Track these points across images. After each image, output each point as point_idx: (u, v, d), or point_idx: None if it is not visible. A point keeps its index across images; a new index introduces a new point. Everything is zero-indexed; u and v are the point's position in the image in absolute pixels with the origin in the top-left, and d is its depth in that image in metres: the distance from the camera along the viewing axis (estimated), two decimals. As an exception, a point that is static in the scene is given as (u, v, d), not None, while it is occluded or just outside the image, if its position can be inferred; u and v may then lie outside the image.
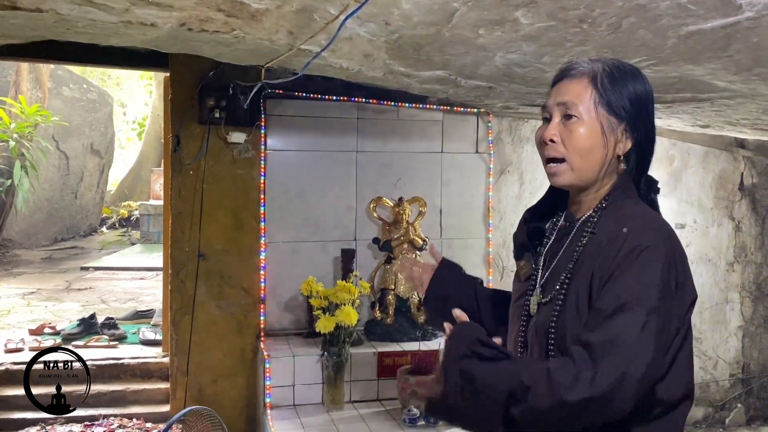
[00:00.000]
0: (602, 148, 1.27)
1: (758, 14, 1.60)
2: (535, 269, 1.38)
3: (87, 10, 1.62)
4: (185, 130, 3.21)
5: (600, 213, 1.30)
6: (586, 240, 1.28)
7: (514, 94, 2.79)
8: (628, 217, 1.25)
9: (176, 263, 3.25)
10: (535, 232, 1.43)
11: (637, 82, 1.29)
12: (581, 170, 1.28)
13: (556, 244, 1.36)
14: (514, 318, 1.41)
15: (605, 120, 1.26)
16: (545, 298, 1.31)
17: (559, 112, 1.28)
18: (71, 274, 7.50)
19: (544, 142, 1.29)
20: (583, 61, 1.31)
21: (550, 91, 1.33)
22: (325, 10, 1.75)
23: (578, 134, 1.26)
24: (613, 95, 1.26)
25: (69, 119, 8.66)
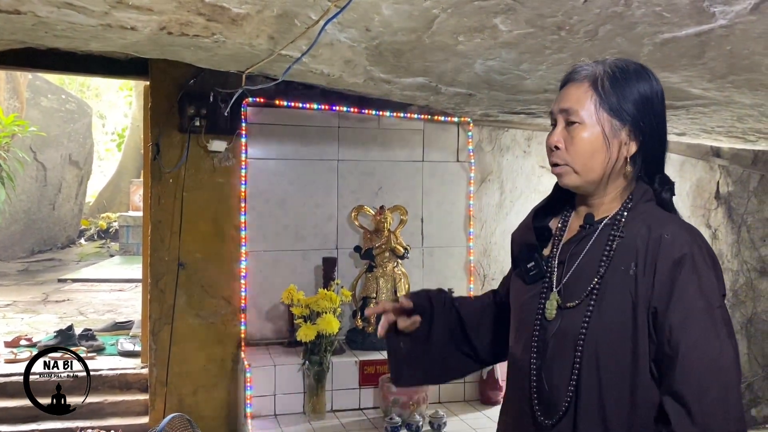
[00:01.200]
0: (605, 151, 1.25)
1: (731, 22, 1.64)
2: (548, 271, 1.33)
3: (66, 12, 1.61)
4: (165, 138, 3.20)
5: (625, 216, 1.28)
6: (615, 243, 1.25)
7: (494, 102, 2.82)
8: (659, 220, 1.25)
9: (155, 272, 3.22)
10: (542, 232, 1.39)
11: (642, 81, 1.27)
12: (585, 174, 1.27)
13: (573, 245, 1.31)
14: (522, 322, 1.35)
15: (607, 123, 1.25)
16: (570, 303, 1.26)
17: (562, 118, 1.28)
18: (48, 286, 7.38)
19: (550, 149, 1.29)
20: (587, 64, 1.30)
21: (557, 97, 1.32)
22: (306, 15, 1.76)
23: (580, 139, 1.25)
24: (614, 98, 1.25)
25: (47, 130, 8.55)
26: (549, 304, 1.29)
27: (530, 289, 1.34)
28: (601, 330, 1.21)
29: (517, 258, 1.41)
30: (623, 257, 1.23)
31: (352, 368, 3.05)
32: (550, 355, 1.27)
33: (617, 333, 1.20)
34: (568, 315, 1.26)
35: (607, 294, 1.22)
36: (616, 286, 1.22)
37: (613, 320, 1.21)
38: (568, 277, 1.29)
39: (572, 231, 1.35)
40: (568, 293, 1.28)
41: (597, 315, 1.22)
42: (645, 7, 1.61)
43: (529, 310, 1.32)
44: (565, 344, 1.24)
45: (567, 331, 1.25)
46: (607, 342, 1.21)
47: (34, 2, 1.55)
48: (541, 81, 2.31)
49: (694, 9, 1.59)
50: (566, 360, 1.24)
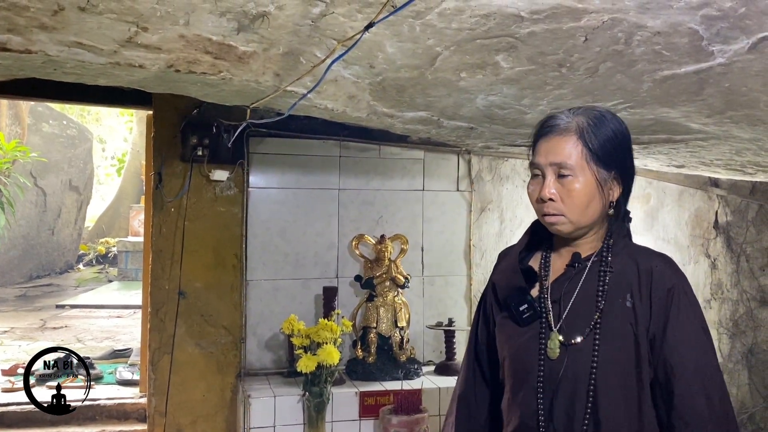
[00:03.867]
0: (600, 199, 1.31)
1: (729, 60, 1.67)
2: (543, 311, 1.35)
3: (76, 51, 1.64)
4: (167, 167, 3.22)
5: (609, 251, 1.34)
6: (608, 278, 1.31)
7: (495, 135, 2.84)
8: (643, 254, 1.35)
9: (156, 301, 3.22)
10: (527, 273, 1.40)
11: (616, 126, 1.34)
12: (580, 222, 1.32)
13: (563, 284, 1.35)
14: (522, 366, 1.34)
15: (598, 173, 1.30)
16: (575, 339, 1.29)
17: (552, 170, 1.31)
18: (46, 312, 7.35)
19: (542, 200, 1.31)
20: (564, 115, 1.35)
21: (537, 147, 1.35)
22: (312, 53, 1.79)
23: (576, 192, 1.29)
24: (600, 147, 1.30)
25: (48, 155, 8.60)
26: (551, 343, 1.31)
27: (525, 331, 1.35)
28: (609, 362, 1.26)
29: (506, 302, 1.40)
30: (618, 290, 1.29)
31: (352, 399, 3.03)
32: (562, 394, 1.28)
33: (623, 362, 1.26)
34: (573, 352, 1.28)
35: (609, 327, 1.27)
36: (615, 318, 1.27)
37: (619, 351, 1.26)
38: (566, 315, 1.32)
39: (558, 271, 1.38)
40: (569, 330, 1.30)
41: (604, 348, 1.26)
42: (645, 45, 1.64)
43: (529, 352, 1.33)
44: (577, 381, 1.27)
45: (577, 367, 1.27)
46: (616, 372, 1.26)
47: (45, 42, 1.58)
48: (542, 115, 2.32)
49: (693, 48, 1.62)
50: (580, 396, 1.26)
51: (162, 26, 1.57)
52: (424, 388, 3.09)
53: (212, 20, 1.57)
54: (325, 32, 1.67)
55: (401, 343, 3.31)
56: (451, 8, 1.51)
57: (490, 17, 1.55)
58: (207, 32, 1.64)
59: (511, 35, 1.64)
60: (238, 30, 1.63)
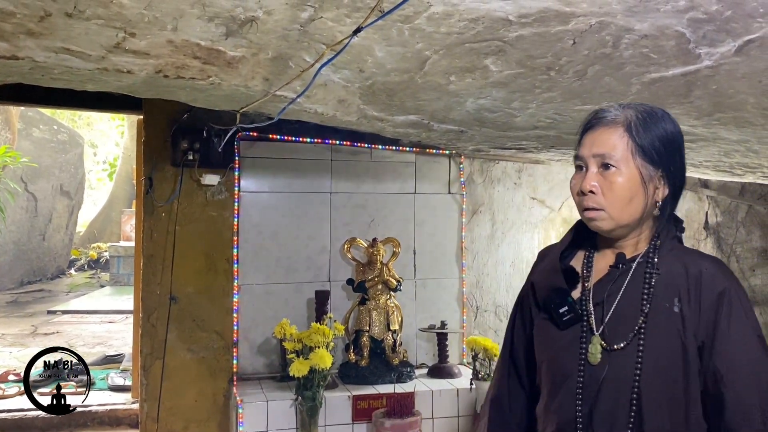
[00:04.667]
0: (643, 197, 1.25)
1: (716, 63, 1.68)
2: (584, 314, 1.29)
3: (64, 57, 1.64)
4: (158, 172, 3.21)
5: (656, 253, 1.27)
6: (653, 280, 1.24)
7: (485, 138, 2.85)
8: (691, 256, 1.28)
9: (147, 307, 3.20)
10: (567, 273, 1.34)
11: (668, 125, 1.28)
12: (621, 218, 1.25)
13: (606, 285, 1.29)
14: (561, 370, 1.29)
15: (643, 169, 1.24)
16: (617, 345, 1.23)
17: (595, 162, 1.26)
18: (37, 318, 7.32)
19: (583, 192, 1.27)
20: (613, 108, 1.29)
21: (582, 139, 1.31)
22: (301, 57, 1.79)
23: (618, 185, 1.24)
24: (649, 143, 1.25)
25: (38, 160, 8.56)
26: (592, 347, 1.25)
27: (565, 334, 1.29)
28: (654, 369, 1.20)
29: (546, 303, 1.34)
30: (664, 294, 1.23)
31: (345, 403, 3.03)
32: (603, 401, 1.22)
33: (669, 370, 1.19)
34: (616, 358, 1.23)
35: (655, 332, 1.21)
36: (661, 323, 1.21)
37: (665, 358, 1.20)
38: (609, 318, 1.25)
39: (601, 272, 1.32)
40: (611, 335, 1.24)
41: (649, 354, 1.20)
42: (632, 48, 1.65)
43: (569, 356, 1.28)
44: (619, 388, 1.21)
45: (619, 374, 1.21)
46: (662, 381, 1.19)
47: (32, 48, 1.57)
48: (531, 118, 2.34)
49: (680, 51, 1.63)
50: (622, 404, 1.20)
51: (150, 32, 1.56)
52: (417, 391, 3.09)
53: (200, 25, 1.57)
54: (314, 37, 1.67)
55: (394, 346, 3.30)
56: (439, 12, 1.51)
57: (479, 21, 1.55)
58: (195, 37, 1.63)
59: (499, 39, 1.65)
60: (226, 35, 1.63)
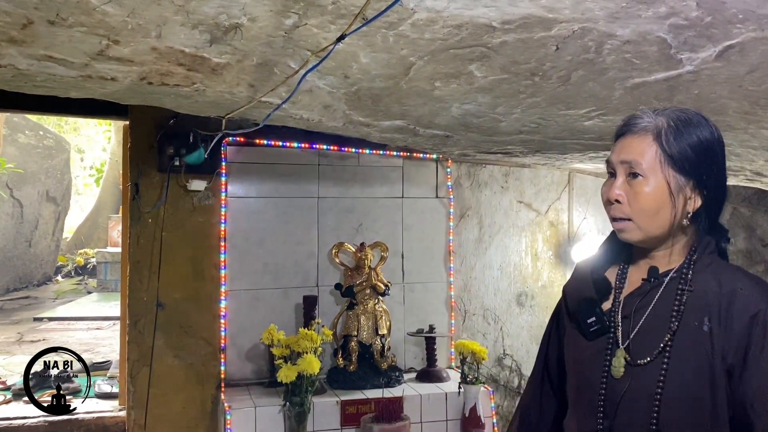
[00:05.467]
0: (671, 207, 1.20)
1: (697, 68, 1.70)
2: (611, 326, 1.26)
3: (46, 65, 1.63)
4: (144, 178, 3.19)
5: (691, 268, 1.23)
6: (685, 297, 1.20)
7: (471, 143, 2.86)
8: (728, 273, 1.21)
9: (134, 313, 3.19)
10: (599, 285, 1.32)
11: (703, 132, 1.22)
12: (649, 230, 1.21)
13: (637, 299, 1.25)
14: (585, 381, 1.27)
15: (672, 179, 1.19)
16: (641, 360, 1.20)
17: (623, 170, 1.23)
18: (23, 325, 7.25)
19: (610, 201, 1.24)
20: (646, 115, 1.25)
21: (614, 146, 1.27)
22: (286, 64, 1.79)
23: (644, 195, 1.19)
24: (679, 152, 1.19)
25: (24, 166, 8.50)
26: (616, 360, 1.22)
27: (592, 345, 1.27)
28: (678, 389, 1.15)
29: (575, 313, 1.32)
30: (695, 312, 1.18)
31: (333, 408, 3.02)
32: (622, 417, 1.20)
33: (694, 392, 1.15)
34: (639, 373, 1.20)
35: (681, 351, 1.17)
36: (689, 342, 1.17)
37: (690, 379, 1.15)
38: (635, 333, 1.23)
39: (633, 284, 1.29)
40: (636, 349, 1.21)
41: (673, 373, 1.16)
42: (615, 54, 1.67)
43: (593, 368, 1.25)
44: (639, 405, 1.18)
45: (640, 390, 1.18)
46: (685, 402, 1.15)
47: (14, 55, 1.57)
48: (516, 123, 2.35)
49: (662, 56, 1.65)
50: (640, 422, 1.17)
51: (133, 39, 1.56)
52: (405, 395, 3.09)
53: (184, 32, 1.57)
54: (298, 43, 1.67)
55: (382, 351, 3.30)
56: (423, 19, 1.52)
57: (463, 27, 1.56)
58: (179, 44, 1.63)
59: (483, 45, 1.66)
60: (210, 42, 1.63)
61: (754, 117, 2.01)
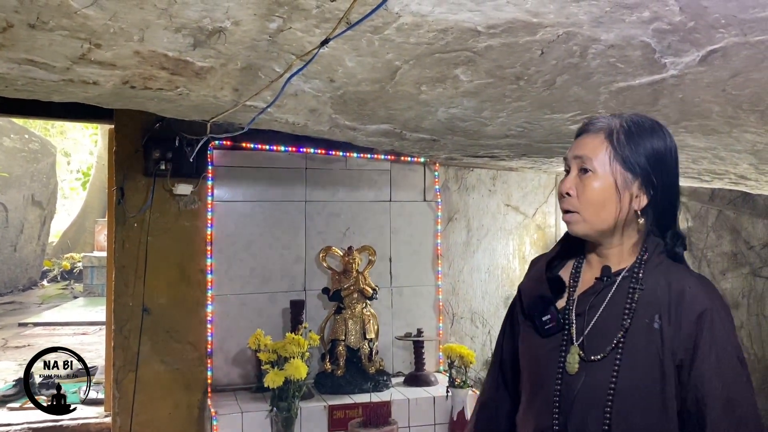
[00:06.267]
0: (616, 202, 1.26)
1: (681, 72, 1.70)
2: (566, 323, 1.30)
3: (27, 68, 1.61)
4: (130, 182, 3.17)
5: (642, 268, 1.28)
6: (636, 296, 1.25)
7: (458, 146, 2.86)
8: (677, 273, 1.27)
9: (119, 318, 3.16)
10: (554, 284, 1.36)
11: (656, 137, 1.28)
12: (594, 222, 1.27)
13: (590, 297, 1.30)
14: (540, 378, 1.31)
15: (620, 175, 1.26)
16: (594, 356, 1.24)
17: (576, 165, 1.29)
18: (8, 330, 7.17)
19: (562, 195, 1.30)
20: (604, 117, 1.32)
21: (572, 145, 1.34)
22: (270, 68, 1.78)
23: (592, 188, 1.26)
24: (628, 151, 1.26)
25: (9, 170, 8.43)
26: (570, 357, 1.26)
27: (547, 343, 1.31)
28: (630, 383, 1.20)
29: (529, 311, 1.36)
30: (646, 310, 1.23)
31: (321, 413, 3.01)
32: (576, 412, 1.23)
33: (645, 386, 1.20)
34: (592, 369, 1.23)
35: (633, 347, 1.21)
36: (641, 339, 1.21)
37: (641, 374, 1.20)
38: (589, 330, 1.26)
39: (587, 283, 1.33)
40: (590, 346, 1.25)
41: (625, 368, 1.21)
42: (600, 58, 1.67)
43: (548, 365, 1.29)
44: (593, 399, 1.22)
45: (594, 385, 1.22)
46: (637, 396, 1.19)
47: (-6, 60, 1.55)
48: (502, 127, 2.36)
49: (646, 60, 1.66)
50: (595, 416, 1.21)
51: (116, 42, 1.55)
52: (393, 399, 3.08)
53: (167, 36, 1.55)
54: (283, 47, 1.66)
55: (370, 355, 3.29)
56: (408, 23, 1.52)
57: (448, 32, 1.56)
58: (162, 48, 1.62)
59: (468, 49, 1.66)
60: (194, 45, 1.61)
61: (737, 121, 2.02)
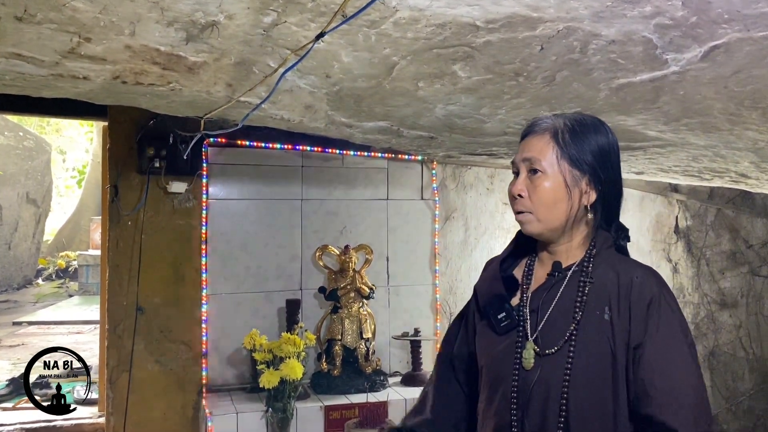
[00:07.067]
0: (567, 200, 1.29)
1: (683, 69, 1.67)
2: (520, 320, 1.33)
3: (15, 63, 1.57)
4: (124, 180, 3.13)
5: (591, 262, 1.31)
6: (587, 289, 1.28)
7: (456, 144, 2.83)
8: (625, 265, 1.30)
9: (113, 318, 3.12)
10: (508, 282, 1.39)
11: (599, 134, 1.33)
12: (547, 221, 1.30)
13: (547, 292, 1.32)
14: (498, 375, 1.33)
15: (568, 173, 1.29)
16: (550, 350, 1.26)
17: (525, 167, 1.32)
18: (2, 329, 7.13)
19: (513, 197, 1.32)
20: (547, 117, 1.35)
21: (519, 148, 1.36)
22: (264, 63, 1.74)
23: (543, 188, 1.29)
24: (574, 149, 1.30)
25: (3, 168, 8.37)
26: (526, 353, 1.29)
27: (503, 340, 1.33)
28: (584, 374, 1.23)
29: (485, 309, 1.39)
30: (596, 302, 1.26)
31: (317, 414, 2.98)
32: (533, 405, 1.26)
33: (598, 376, 1.23)
34: (547, 362, 1.26)
35: (585, 339, 1.24)
36: (592, 330, 1.24)
37: (593, 364, 1.23)
38: (543, 325, 1.29)
39: (539, 279, 1.36)
40: (544, 340, 1.28)
41: (578, 359, 1.24)
42: (600, 54, 1.64)
43: (505, 361, 1.31)
44: (549, 392, 1.25)
45: (549, 378, 1.25)
46: (591, 385, 1.23)
47: (-19, 53, 1.51)
48: (501, 124, 2.33)
49: (648, 56, 1.63)
50: (551, 407, 1.24)
51: (106, 36, 1.51)
52: (390, 399, 3.06)
53: (159, 30, 1.52)
54: (277, 42, 1.63)
55: (367, 355, 3.26)
56: (406, 18, 1.49)
57: (446, 27, 1.53)
58: (154, 42, 1.58)
59: (467, 45, 1.63)
60: (186, 40, 1.58)
61: (739, 118, 1.99)
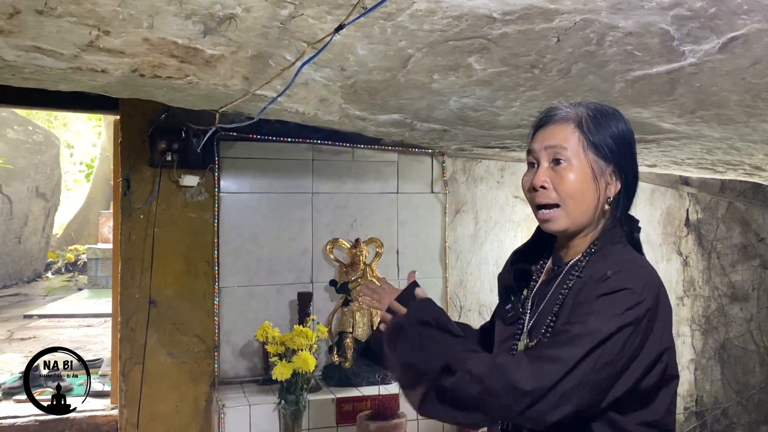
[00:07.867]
0: (594, 191, 1.25)
1: (700, 60, 1.67)
2: (522, 312, 1.35)
3: (35, 56, 1.58)
4: (136, 173, 3.14)
5: (589, 258, 1.28)
6: (572, 283, 1.25)
7: (469, 137, 2.83)
8: (617, 262, 1.23)
9: (126, 311, 3.14)
10: (522, 274, 1.40)
11: (619, 123, 1.29)
12: (575, 215, 1.26)
13: (544, 287, 1.33)
14: None
15: (595, 164, 1.25)
16: (531, 342, 1.27)
17: (547, 156, 1.27)
18: (13, 323, 7.17)
19: (534, 189, 1.27)
20: (566, 105, 1.31)
21: (534, 136, 1.31)
22: (281, 56, 1.75)
23: (570, 179, 1.24)
24: (599, 138, 1.25)
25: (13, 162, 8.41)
26: (520, 345, 1.31)
27: (508, 330, 1.36)
28: None
29: (499, 299, 1.43)
30: (574, 296, 1.24)
31: (329, 406, 2.99)
32: None
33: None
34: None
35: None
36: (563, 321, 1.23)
37: None
38: (534, 318, 1.31)
39: (547, 273, 1.37)
40: (533, 333, 1.30)
41: None
42: (616, 46, 1.64)
43: (506, 350, 1.34)
44: None
45: None
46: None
47: (1, 47, 1.52)
48: (515, 117, 2.32)
49: (664, 48, 1.62)
50: None
51: (125, 29, 1.52)
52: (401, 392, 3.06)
53: (177, 23, 1.52)
54: (294, 34, 1.63)
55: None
56: (422, 9, 1.49)
57: (462, 18, 1.53)
58: (172, 35, 1.59)
59: (483, 37, 1.63)
60: (204, 33, 1.59)
61: (755, 110, 1.99)
